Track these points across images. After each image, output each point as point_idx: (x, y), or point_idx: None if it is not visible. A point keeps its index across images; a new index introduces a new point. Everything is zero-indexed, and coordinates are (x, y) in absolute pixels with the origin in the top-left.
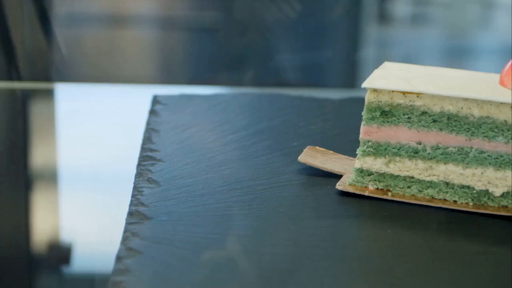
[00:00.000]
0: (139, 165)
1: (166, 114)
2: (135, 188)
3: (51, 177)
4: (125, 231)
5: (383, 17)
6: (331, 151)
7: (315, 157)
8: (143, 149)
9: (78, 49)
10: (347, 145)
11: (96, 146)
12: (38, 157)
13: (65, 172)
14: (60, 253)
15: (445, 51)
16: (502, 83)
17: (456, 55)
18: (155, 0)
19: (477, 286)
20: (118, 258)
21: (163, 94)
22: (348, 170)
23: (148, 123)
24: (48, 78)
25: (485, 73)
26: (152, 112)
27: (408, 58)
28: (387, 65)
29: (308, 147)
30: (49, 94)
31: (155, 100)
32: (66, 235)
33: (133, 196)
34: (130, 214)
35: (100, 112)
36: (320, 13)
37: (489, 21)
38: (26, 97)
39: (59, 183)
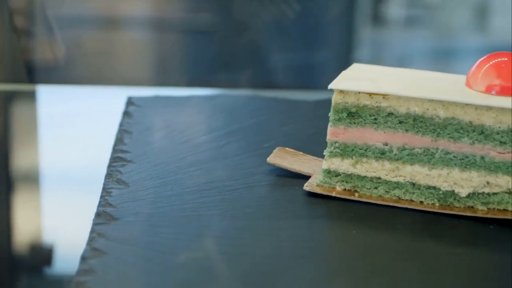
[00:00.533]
0: (109, 166)
1: (139, 116)
2: (104, 189)
3: (31, 178)
4: (92, 231)
5: (377, 19)
6: (301, 152)
7: (284, 158)
8: (114, 150)
9: (63, 51)
10: (319, 146)
11: (76, 148)
12: (18, 159)
13: (44, 173)
14: (33, 254)
15: (438, 52)
16: (468, 84)
17: (448, 56)
18: (144, 2)
19: (441, 286)
20: (83, 258)
21: (138, 95)
22: (317, 171)
23: (120, 125)
24: (32, 80)
25: (453, 75)
26: (126, 113)
27: (401, 60)
28: (355, 67)
29: (277, 148)
30: (32, 96)
31: (129, 102)
32: (40, 236)
33: (101, 197)
34: (98, 214)
35: (81, 114)
36: (313, 15)
37: (481, 23)
38: (6, 99)
39: (39, 184)
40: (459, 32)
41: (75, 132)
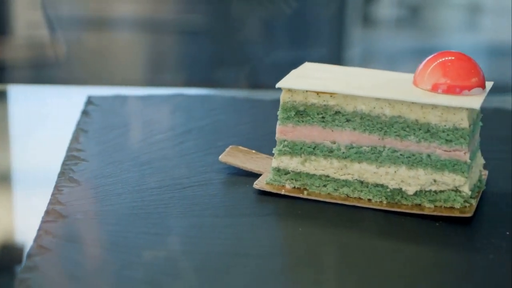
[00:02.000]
0: (63, 164)
1: (97, 115)
2: (55, 187)
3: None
4: (39, 229)
5: (368, 19)
6: (253, 151)
7: (236, 156)
8: (69, 148)
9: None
10: (273, 145)
11: (36, 147)
12: None
13: (13, 173)
14: None
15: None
16: (415, 83)
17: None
18: (133, 2)
19: (383, 281)
20: (28, 255)
21: (97, 94)
22: (268, 169)
23: (78, 124)
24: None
25: (401, 73)
26: (84, 112)
27: (392, 60)
28: (307, 65)
29: (230, 146)
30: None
31: (89, 101)
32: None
33: (52, 195)
34: (47, 212)
35: (50, 114)
36: (303, 16)
37: (472, 23)
38: None
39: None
40: (450, 32)
41: (40, 132)
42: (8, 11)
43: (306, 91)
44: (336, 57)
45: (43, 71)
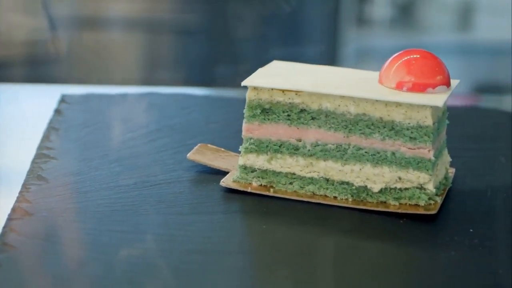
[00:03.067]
0: (32, 162)
1: (69, 113)
2: (23, 185)
3: None
4: (5, 226)
5: (361, 18)
6: (222, 149)
7: (205, 154)
8: (39, 147)
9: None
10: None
11: (10, 145)
12: None
13: None
14: None
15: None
16: (380, 81)
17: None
18: (126, 2)
19: (347, 278)
20: None
21: (71, 93)
22: (236, 167)
23: (50, 122)
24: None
25: (368, 72)
26: (57, 111)
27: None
28: (274, 64)
29: (199, 144)
30: None
31: (62, 100)
32: None
33: (19, 193)
34: (13, 210)
35: (32, 113)
36: (299, 14)
37: (466, 22)
38: None
39: None
40: (443, 31)
41: (14, 130)
42: None
43: (272, 89)
44: (331, 56)
45: (32, 70)
